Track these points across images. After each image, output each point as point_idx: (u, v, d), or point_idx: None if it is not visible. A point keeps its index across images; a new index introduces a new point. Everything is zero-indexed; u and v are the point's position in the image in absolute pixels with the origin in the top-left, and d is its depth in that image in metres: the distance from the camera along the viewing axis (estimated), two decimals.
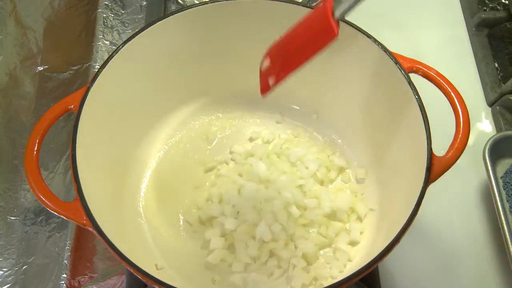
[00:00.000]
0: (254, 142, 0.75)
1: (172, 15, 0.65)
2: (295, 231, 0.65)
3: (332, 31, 0.46)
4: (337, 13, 0.46)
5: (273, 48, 0.55)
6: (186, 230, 0.68)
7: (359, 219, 0.68)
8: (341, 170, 0.72)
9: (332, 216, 0.68)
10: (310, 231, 0.67)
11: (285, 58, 0.52)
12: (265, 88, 0.56)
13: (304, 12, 0.64)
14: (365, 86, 0.55)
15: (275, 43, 0.55)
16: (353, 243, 0.66)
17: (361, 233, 0.66)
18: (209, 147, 0.75)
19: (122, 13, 0.92)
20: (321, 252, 0.66)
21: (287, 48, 0.52)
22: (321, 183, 0.71)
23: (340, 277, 0.62)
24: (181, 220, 0.69)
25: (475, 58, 0.89)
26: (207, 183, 0.72)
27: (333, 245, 0.66)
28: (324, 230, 0.66)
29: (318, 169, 0.71)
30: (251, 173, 0.70)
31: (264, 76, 0.56)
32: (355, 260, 0.65)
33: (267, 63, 0.54)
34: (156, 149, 0.74)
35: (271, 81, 0.55)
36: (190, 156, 0.74)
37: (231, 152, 0.74)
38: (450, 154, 0.56)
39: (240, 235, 0.65)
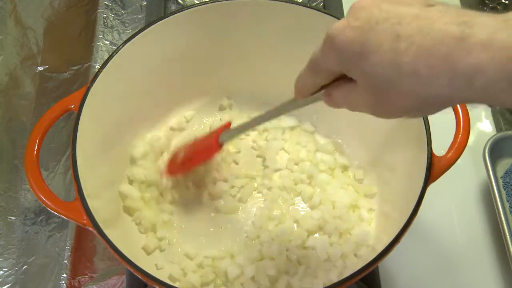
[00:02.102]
0: (256, 142, 0.75)
1: (172, 15, 0.65)
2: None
3: (214, 149, 0.63)
4: (220, 139, 0.62)
5: (186, 146, 0.69)
6: None
7: (364, 220, 0.68)
8: (345, 168, 0.72)
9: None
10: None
11: (188, 158, 0.67)
12: (172, 173, 0.69)
13: (304, 12, 0.64)
14: None
15: (188, 143, 0.69)
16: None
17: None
18: None
19: (122, 13, 0.92)
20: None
21: (192, 150, 0.67)
22: (327, 182, 0.71)
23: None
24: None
25: None
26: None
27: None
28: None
29: (323, 168, 0.71)
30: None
31: (172, 164, 0.69)
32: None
33: (181, 155, 0.67)
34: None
35: (176, 170, 0.68)
36: None
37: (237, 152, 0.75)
38: (450, 154, 0.56)
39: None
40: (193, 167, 0.68)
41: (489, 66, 0.31)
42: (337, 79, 0.41)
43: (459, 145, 0.56)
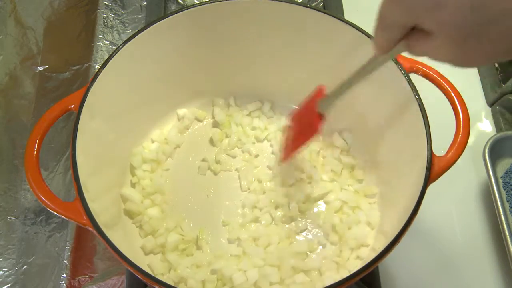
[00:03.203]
0: (258, 143, 0.76)
1: (172, 15, 0.65)
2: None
3: (317, 123, 0.58)
4: (320, 109, 0.57)
5: (291, 124, 0.66)
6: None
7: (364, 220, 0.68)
8: (352, 167, 0.72)
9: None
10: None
11: (296, 139, 0.64)
12: (287, 157, 0.67)
13: (304, 12, 0.64)
14: (366, 86, 0.55)
15: (292, 119, 0.66)
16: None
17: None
18: (210, 147, 0.75)
19: (122, 13, 0.92)
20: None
21: (297, 132, 0.64)
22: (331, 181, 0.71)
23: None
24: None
25: None
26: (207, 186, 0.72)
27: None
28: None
29: (326, 168, 0.71)
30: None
31: (286, 149, 0.67)
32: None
33: (290, 139, 0.65)
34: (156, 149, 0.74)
35: (289, 152, 0.66)
36: (191, 156, 0.74)
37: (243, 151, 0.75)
38: (450, 154, 0.56)
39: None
40: (303, 145, 0.63)
41: None
42: (413, 30, 0.38)
43: (459, 145, 0.56)
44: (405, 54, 0.43)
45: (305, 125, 0.61)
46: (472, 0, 0.31)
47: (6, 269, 0.70)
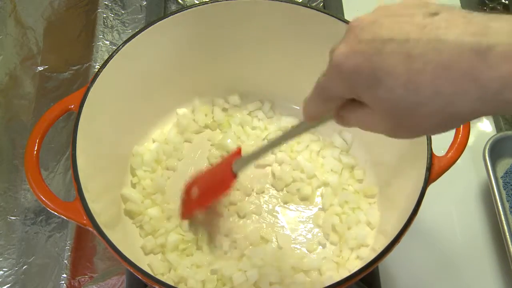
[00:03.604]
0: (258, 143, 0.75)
1: (172, 15, 0.65)
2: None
3: (230, 180, 0.59)
4: (234, 169, 0.59)
5: (196, 181, 0.65)
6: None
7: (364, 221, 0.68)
8: (352, 167, 0.72)
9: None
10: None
11: (203, 195, 0.63)
12: (188, 214, 0.66)
13: (304, 12, 0.64)
14: None
15: (198, 177, 0.65)
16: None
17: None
18: (211, 147, 0.75)
19: (122, 13, 0.92)
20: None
21: (205, 185, 0.64)
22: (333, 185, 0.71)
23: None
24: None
25: None
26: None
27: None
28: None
29: (326, 168, 0.71)
30: None
31: (187, 203, 0.65)
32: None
33: (195, 192, 0.64)
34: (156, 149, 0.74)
35: (192, 209, 0.65)
36: (191, 155, 0.74)
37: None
38: (450, 154, 0.56)
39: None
40: (210, 203, 0.65)
41: None
42: (347, 101, 0.39)
43: (459, 145, 0.56)
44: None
45: (217, 182, 0.62)
46: (406, 80, 0.32)
47: (6, 269, 0.70)
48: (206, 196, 0.63)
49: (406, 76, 0.32)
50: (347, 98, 0.38)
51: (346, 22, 0.62)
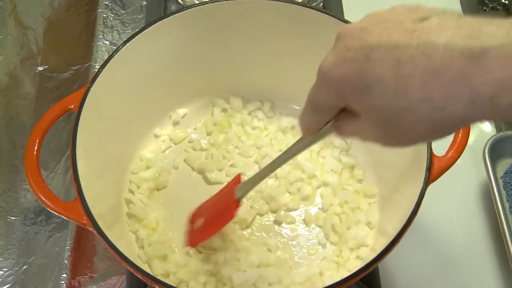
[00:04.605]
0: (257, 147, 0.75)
1: (172, 15, 0.65)
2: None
3: (234, 208, 0.57)
4: (236, 196, 0.57)
5: (201, 211, 0.64)
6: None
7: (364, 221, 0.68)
8: (352, 167, 0.72)
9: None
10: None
11: (208, 225, 0.61)
12: (194, 244, 0.64)
13: (304, 12, 0.64)
14: None
15: (201, 207, 0.64)
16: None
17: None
18: (211, 147, 0.75)
19: (122, 13, 0.92)
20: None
21: (210, 215, 0.62)
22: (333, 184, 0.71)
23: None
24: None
25: None
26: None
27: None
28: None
29: (326, 168, 0.71)
30: None
31: (193, 233, 0.64)
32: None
33: (200, 223, 0.62)
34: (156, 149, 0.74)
35: (198, 239, 0.63)
36: (192, 155, 0.74)
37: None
38: (450, 154, 0.56)
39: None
40: (215, 232, 0.63)
41: None
42: (342, 111, 0.39)
43: (459, 145, 0.56)
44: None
45: (221, 211, 0.60)
46: (395, 86, 0.31)
47: (6, 269, 0.70)
48: (211, 226, 0.61)
49: (395, 83, 0.31)
50: (341, 108, 0.38)
51: (346, 22, 0.62)
